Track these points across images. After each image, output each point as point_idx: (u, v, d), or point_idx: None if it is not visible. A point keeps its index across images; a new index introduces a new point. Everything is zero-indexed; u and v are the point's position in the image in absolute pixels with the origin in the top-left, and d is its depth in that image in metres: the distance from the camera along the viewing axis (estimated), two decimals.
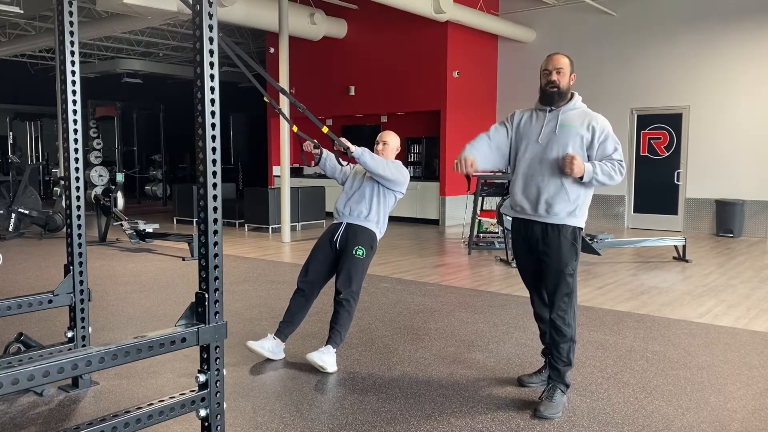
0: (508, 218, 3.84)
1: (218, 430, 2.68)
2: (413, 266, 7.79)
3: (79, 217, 3.58)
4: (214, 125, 2.58)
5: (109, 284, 6.62)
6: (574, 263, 3.37)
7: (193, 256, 8.17)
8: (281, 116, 5.05)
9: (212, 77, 2.55)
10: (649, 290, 6.46)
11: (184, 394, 2.63)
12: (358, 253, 4.04)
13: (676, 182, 11.50)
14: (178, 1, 9.38)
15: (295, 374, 3.94)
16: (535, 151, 3.39)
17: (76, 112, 3.49)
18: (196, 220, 3.28)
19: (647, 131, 11.75)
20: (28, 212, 10.09)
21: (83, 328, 3.62)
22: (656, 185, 11.70)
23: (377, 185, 4.12)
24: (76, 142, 3.52)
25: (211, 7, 2.54)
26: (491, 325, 5.11)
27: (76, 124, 3.50)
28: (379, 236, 4.20)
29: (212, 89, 2.56)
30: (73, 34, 3.46)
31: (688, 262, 8.12)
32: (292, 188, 10.61)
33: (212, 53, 2.55)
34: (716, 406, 3.47)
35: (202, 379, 2.63)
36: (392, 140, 4.28)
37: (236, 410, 3.37)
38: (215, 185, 2.60)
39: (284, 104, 8.87)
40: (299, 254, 8.63)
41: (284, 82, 9.75)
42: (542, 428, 3.18)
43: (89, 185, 14.30)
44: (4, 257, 7.83)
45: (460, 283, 6.85)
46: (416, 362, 4.17)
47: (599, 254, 7.65)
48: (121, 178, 13.63)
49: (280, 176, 10.14)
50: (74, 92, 3.48)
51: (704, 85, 11.08)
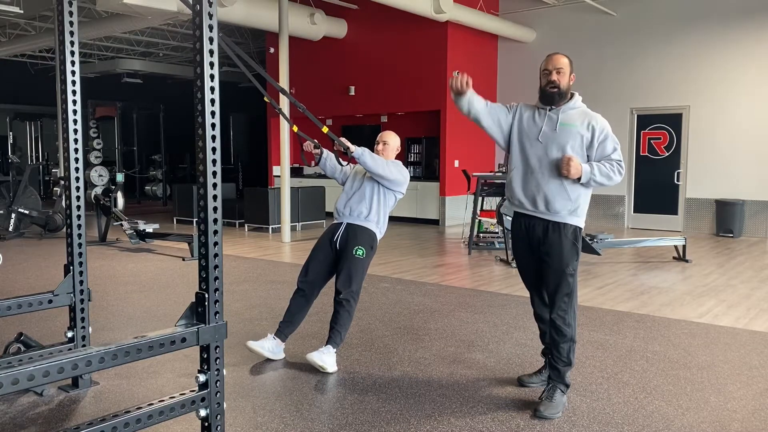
0: (508, 218, 3.84)
1: (218, 430, 2.68)
2: (413, 266, 7.79)
3: (79, 217, 3.58)
4: (214, 125, 2.58)
5: (109, 284, 6.62)
6: (575, 263, 3.37)
7: (193, 256, 8.17)
8: (281, 116, 5.05)
9: (212, 77, 2.55)
10: (649, 290, 6.46)
11: (184, 394, 2.63)
12: (358, 253, 4.04)
13: (676, 182, 11.50)
14: (178, 1, 9.38)
15: (295, 374, 3.94)
16: (535, 149, 3.39)
17: (76, 112, 3.49)
18: (196, 220, 3.28)
19: (647, 131, 11.75)
20: (28, 212, 10.09)
21: (83, 328, 3.62)
22: (656, 185, 11.70)
23: (377, 185, 4.13)
24: (76, 142, 3.52)
25: (211, 7, 2.54)
26: (491, 325, 5.11)
27: (76, 124, 3.50)
28: (379, 236, 4.20)
29: (212, 89, 2.56)
30: (73, 34, 3.46)
31: (688, 262, 8.12)
32: (292, 188, 10.61)
33: (212, 53, 2.55)
34: (716, 406, 3.47)
35: (202, 379, 2.63)
36: (392, 140, 4.29)
37: (236, 410, 3.37)
38: (215, 185, 2.60)
39: (284, 104, 8.87)
40: (299, 254, 8.63)
41: (284, 82, 9.75)
42: (542, 428, 3.18)
43: (89, 185, 14.30)
44: (4, 257, 7.83)
45: (460, 283, 6.85)
46: (416, 362, 4.17)
47: (599, 254, 7.65)
48: (121, 178, 13.64)
49: (280, 176, 10.14)
50: (74, 92, 3.48)
51: (704, 85, 11.08)
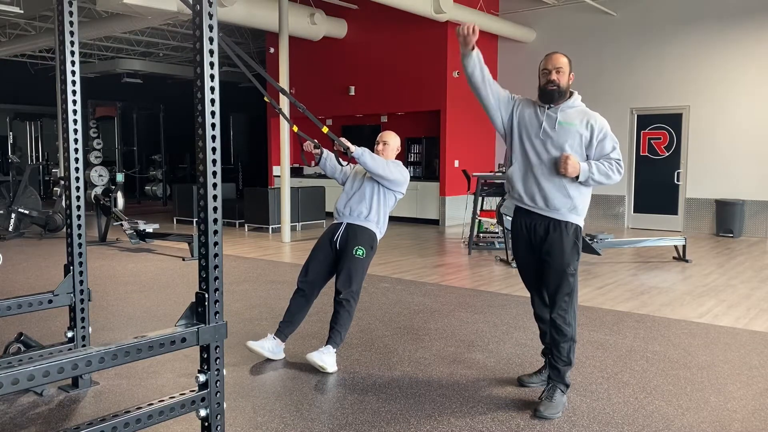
0: (508, 218, 3.84)
1: (218, 430, 2.68)
2: (413, 266, 7.79)
3: (79, 217, 3.58)
4: (214, 125, 2.58)
5: (109, 284, 6.62)
6: (575, 263, 3.38)
7: (193, 256, 8.17)
8: (281, 116, 5.05)
9: (212, 77, 2.55)
10: (649, 290, 6.46)
11: (184, 394, 2.63)
12: (358, 253, 4.04)
13: (676, 182, 11.50)
14: (178, 1, 9.38)
15: (295, 374, 3.94)
16: (534, 146, 3.39)
17: (76, 112, 3.49)
18: (196, 220, 3.28)
19: (647, 131, 11.75)
20: (28, 212, 10.09)
21: (83, 328, 3.62)
22: (656, 185, 11.70)
23: (377, 185, 4.13)
24: (76, 142, 3.52)
25: (211, 7, 2.54)
26: (491, 325, 5.11)
27: (76, 124, 3.50)
28: (379, 236, 4.20)
29: (212, 89, 2.56)
30: (73, 34, 3.46)
31: (688, 262, 8.12)
32: (292, 188, 10.61)
33: (212, 53, 2.55)
34: (716, 406, 3.47)
35: (202, 379, 2.63)
36: (392, 140, 4.29)
37: (236, 410, 3.37)
38: (215, 185, 2.60)
39: (284, 104, 8.87)
40: (299, 254, 8.63)
41: (284, 82, 9.75)
42: (542, 428, 3.18)
43: (89, 185, 14.30)
44: (4, 257, 7.83)
45: (460, 283, 6.85)
46: (416, 362, 4.17)
47: (599, 254, 7.65)
48: (121, 178, 13.64)
49: (280, 176, 10.14)
50: (74, 92, 3.48)
51: (704, 85, 11.08)
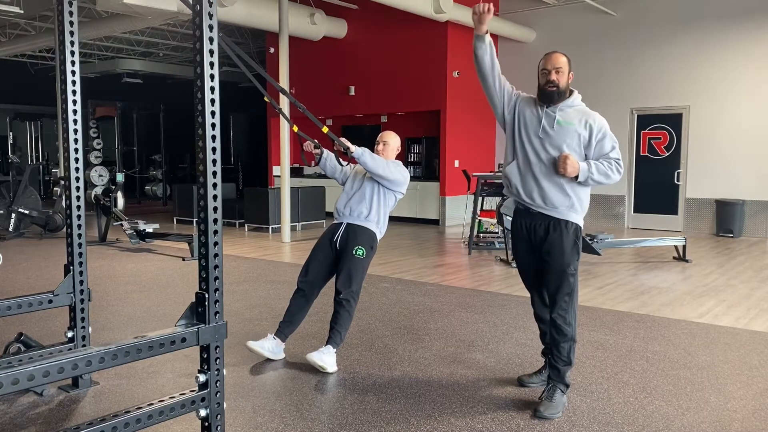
0: (508, 218, 3.84)
1: (218, 430, 2.68)
2: (413, 266, 7.79)
3: (79, 217, 3.58)
4: (214, 125, 2.58)
5: (109, 284, 6.62)
6: (576, 263, 3.38)
7: (193, 256, 8.17)
8: (281, 116, 5.05)
9: (212, 77, 2.55)
10: (649, 290, 6.46)
11: (184, 394, 2.63)
12: (358, 253, 4.04)
13: (676, 182, 11.50)
14: (178, 1, 9.38)
15: (295, 374, 3.94)
16: (533, 145, 3.39)
17: (76, 112, 3.49)
18: (196, 220, 3.28)
19: (647, 131, 11.75)
20: (28, 212, 10.09)
21: (83, 328, 3.62)
22: (656, 185, 11.70)
23: (377, 185, 4.13)
24: (76, 142, 3.52)
25: (211, 7, 2.54)
26: (491, 325, 5.11)
27: (76, 124, 3.50)
28: (379, 236, 4.20)
29: (212, 89, 2.56)
30: (73, 34, 3.46)
31: (688, 262, 8.12)
32: (292, 188, 10.61)
33: (212, 53, 2.55)
34: (716, 406, 3.47)
35: (202, 379, 2.63)
36: (392, 140, 4.29)
37: (236, 410, 3.37)
38: (215, 185, 2.60)
39: (284, 104, 8.87)
40: (299, 254, 8.63)
41: (284, 82, 9.75)
42: (542, 428, 3.18)
43: (89, 185, 14.30)
44: (4, 257, 7.83)
45: (460, 283, 6.84)
46: (416, 362, 4.17)
47: (599, 254, 7.65)
48: (121, 178, 13.63)
49: (280, 176, 10.14)
50: (74, 92, 3.48)
51: (704, 85, 11.08)
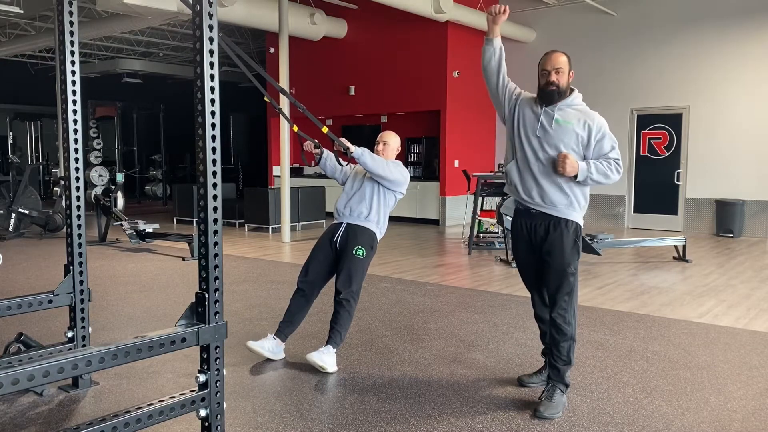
0: (508, 218, 3.84)
1: (218, 430, 2.68)
2: (413, 266, 7.79)
3: (79, 217, 3.58)
4: (214, 125, 2.58)
5: (109, 284, 6.62)
6: (576, 262, 3.38)
7: (193, 256, 8.17)
8: (281, 116, 5.05)
9: (212, 77, 2.55)
10: (649, 290, 6.46)
11: (184, 394, 2.63)
12: (358, 253, 4.04)
13: (676, 182, 11.50)
14: (178, 1, 9.38)
15: (295, 374, 3.94)
16: (532, 144, 3.40)
17: (76, 112, 3.49)
18: (196, 220, 3.28)
19: (647, 131, 11.75)
20: (28, 212, 10.09)
21: (83, 328, 3.62)
22: (656, 185, 11.70)
23: (377, 185, 4.13)
24: (76, 142, 3.52)
25: (211, 7, 2.54)
26: (491, 325, 5.11)
27: (76, 124, 3.50)
28: (379, 236, 4.20)
29: (212, 89, 2.56)
30: (73, 34, 3.46)
31: (688, 262, 8.12)
32: (292, 188, 10.61)
33: (212, 53, 2.55)
34: (716, 406, 3.47)
35: (202, 379, 2.63)
36: (392, 140, 4.29)
37: (236, 410, 3.37)
38: (215, 185, 2.60)
39: (284, 104, 8.86)
40: (299, 254, 8.63)
41: (284, 82, 9.75)
42: (542, 428, 3.18)
43: (89, 185, 14.30)
44: (4, 257, 7.83)
45: (460, 283, 6.84)
46: (416, 362, 4.17)
47: (599, 254, 7.65)
48: (121, 178, 13.63)
49: (280, 176, 10.14)
50: (74, 92, 3.48)
51: (704, 85, 11.08)
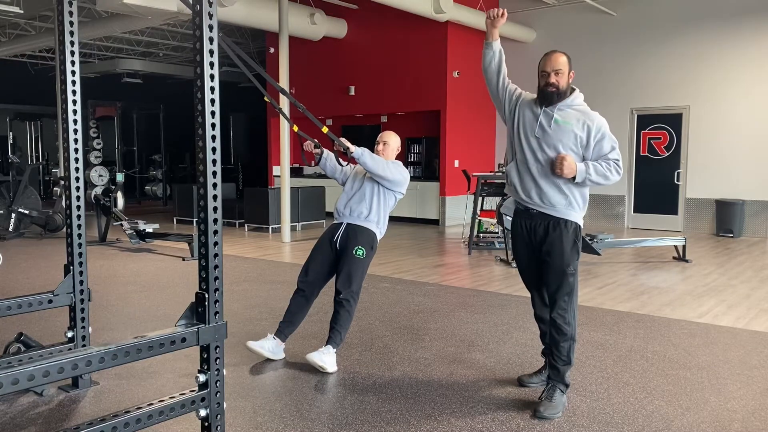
0: (508, 218, 3.84)
1: (218, 430, 2.68)
2: (413, 266, 7.79)
3: (79, 217, 3.58)
4: (214, 125, 2.58)
5: (109, 284, 6.62)
6: (575, 262, 3.38)
7: (193, 256, 8.17)
8: (281, 116, 5.05)
9: (212, 77, 2.55)
10: (649, 290, 6.46)
11: (184, 394, 2.63)
12: (358, 253, 4.04)
13: (676, 182, 11.50)
14: (178, 1, 9.38)
15: (295, 374, 3.94)
16: (530, 144, 3.40)
17: (76, 112, 3.49)
18: (196, 220, 3.28)
19: (647, 131, 11.75)
20: (28, 212, 10.09)
21: (83, 328, 3.62)
22: (656, 185, 11.70)
23: (377, 185, 4.13)
24: (76, 142, 3.52)
25: (211, 7, 2.54)
26: (491, 325, 5.11)
27: (76, 124, 3.50)
28: (379, 236, 4.20)
29: (212, 89, 2.56)
30: (73, 34, 3.46)
31: (688, 262, 8.12)
32: (292, 188, 10.60)
33: (212, 53, 2.55)
34: (716, 406, 3.47)
35: (202, 379, 2.63)
36: (392, 140, 4.29)
37: (236, 410, 3.37)
38: (215, 185, 2.60)
39: (284, 104, 8.86)
40: (299, 254, 8.63)
41: (284, 82, 9.75)
42: (542, 428, 3.18)
43: (89, 185, 14.29)
44: (4, 257, 7.83)
45: (460, 283, 6.84)
46: (416, 362, 4.17)
47: (599, 254, 7.65)
48: (121, 178, 13.63)
49: (280, 176, 10.14)
50: (74, 92, 3.48)
51: (704, 85, 11.07)
